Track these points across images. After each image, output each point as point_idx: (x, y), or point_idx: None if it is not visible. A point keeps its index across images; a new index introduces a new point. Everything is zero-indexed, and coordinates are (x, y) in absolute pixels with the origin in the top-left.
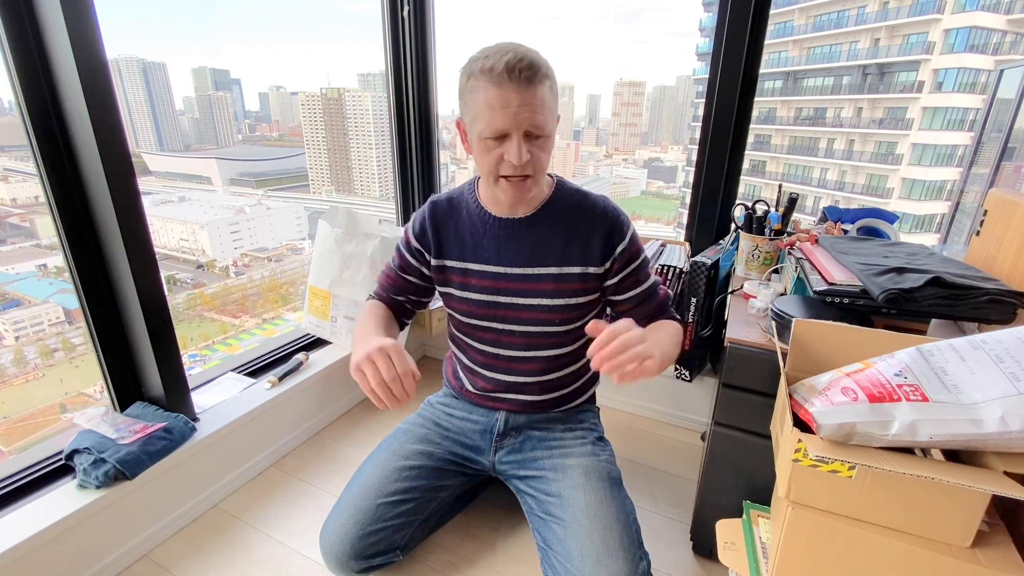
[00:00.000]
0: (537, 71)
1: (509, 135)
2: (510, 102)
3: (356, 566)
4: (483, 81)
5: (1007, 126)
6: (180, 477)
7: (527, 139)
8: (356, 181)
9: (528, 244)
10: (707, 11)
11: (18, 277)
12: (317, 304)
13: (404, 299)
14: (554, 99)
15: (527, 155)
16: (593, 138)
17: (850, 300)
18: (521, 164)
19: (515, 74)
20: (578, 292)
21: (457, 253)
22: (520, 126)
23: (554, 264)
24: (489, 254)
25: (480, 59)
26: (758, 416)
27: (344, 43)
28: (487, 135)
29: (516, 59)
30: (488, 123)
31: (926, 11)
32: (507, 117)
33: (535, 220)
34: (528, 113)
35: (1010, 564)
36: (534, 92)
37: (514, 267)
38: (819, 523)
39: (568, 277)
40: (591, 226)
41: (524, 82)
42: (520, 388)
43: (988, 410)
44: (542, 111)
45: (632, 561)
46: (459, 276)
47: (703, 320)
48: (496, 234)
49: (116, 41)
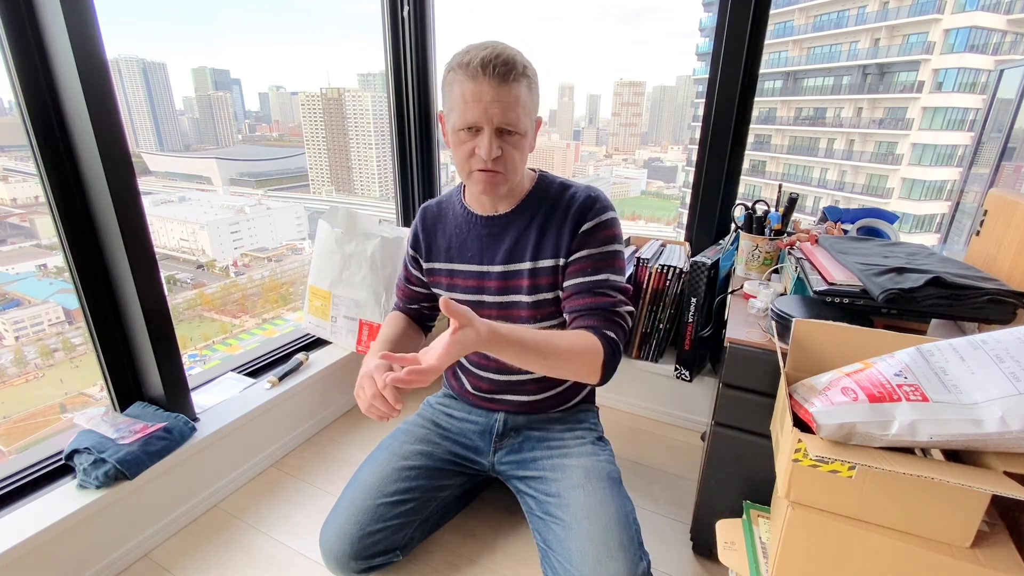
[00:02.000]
0: (512, 69)
1: (481, 129)
2: (482, 96)
3: (356, 566)
4: (460, 74)
5: (1007, 126)
6: (180, 477)
7: (499, 136)
8: (356, 181)
9: (507, 241)
10: (707, 11)
11: (18, 277)
12: (317, 304)
13: (418, 307)
14: (531, 100)
15: (497, 151)
16: (593, 138)
17: (850, 300)
18: (490, 159)
19: (489, 69)
20: (554, 287)
21: (444, 255)
22: (491, 120)
23: (529, 259)
24: (472, 253)
25: (461, 54)
26: (758, 416)
27: (344, 43)
28: (459, 127)
29: (493, 55)
30: (461, 115)
31: (926, 11)
32: (479, 110)
33: (515, 216)
34: (499, 109)
35: (1010, 564)
36: (508, 89)
37: (494, 265)
38: (819, 523)
39: (541, 271)
40: (565, 214)
41: (498, 78)
42: (516, 388)
43: (988, 410)
44: (515, 108)
45: (632, 561)
46: (446, 277)
47: (703, 320)
48: (479, 233)
49: (116, 41)
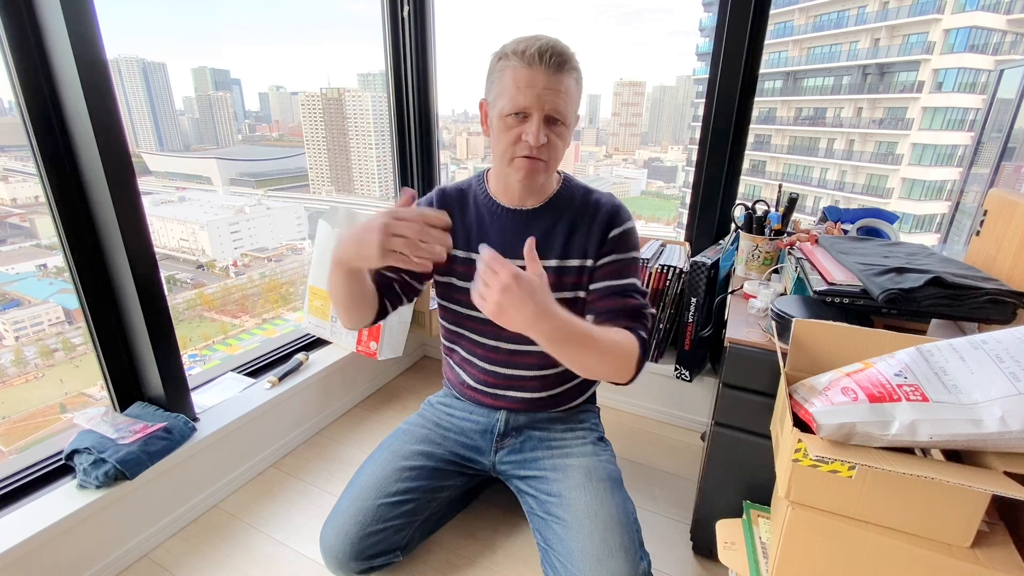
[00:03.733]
0: (566, 61)
1: (530, 115)
2: (536, 83)
3: (356, 566)
4: (514, 61)
5: (1007, 126)
6: (180, 477)
7: (546, 123)
8: (356, 181)
9: (534, 235)
10: (707, 11)
11: (18, 277)
12: (317, 304)
13: (396, 278)
14: (578, 93)
15: (544, 138)
16: (593, 138)
17: (850, 300)
18: (538, 145)
19: (545, 58)
20: (577, 286)
21: (463, 243)
22: (542, 107)
23: (556, 256)
24: (494, 244)
25: (514, 43)
26: (758, 416)
27: (344, 43)
28: (508, 111)
29: (548, 45)
30: (511, 100)
31: (926, 11)
32: (531, 96)
33: (541, 212)
34: (552, 96)
35: (1010, 564)
36: (560, 79)
37: (518, 258)
38: (819, 523)
39: (568, 270)
40: (593, 217)
41: (553, 67)
42: (520, 384)
43: (988, 410)
44: (565, 98)
45: (632, 561)
46: (463, 267)
47: (703, 320)
48: (503, 225)
49: (116, 41)
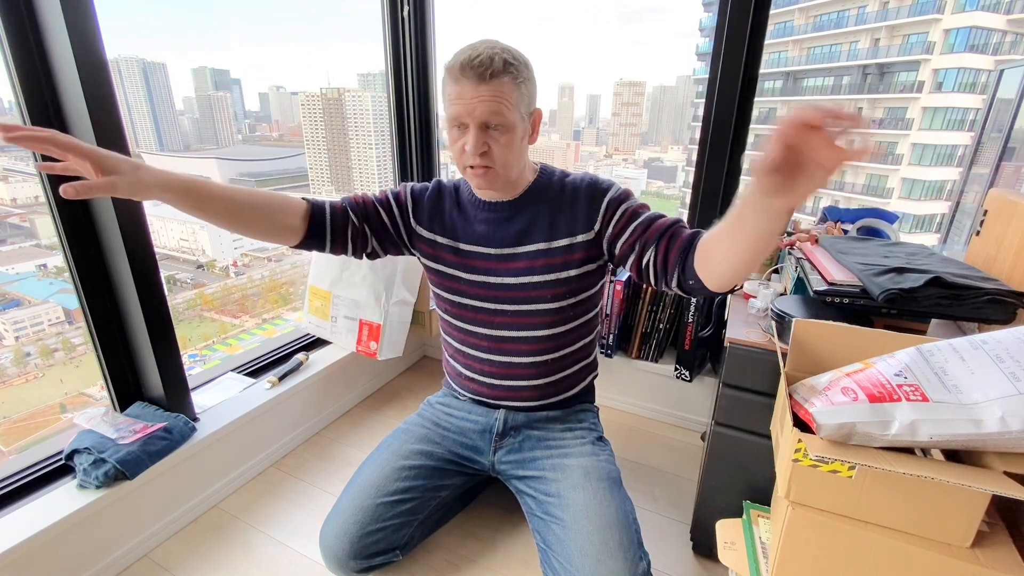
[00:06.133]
0: (489, 67)
1: (467, 126)
2: (465, 94)
3: (356, 566)
4: (447, 76)
5: (1007, 126)
6: (180, 477)
7: (485, 131)
8: (356, 181)
9: (516, 225)
10: (707, 11)
11: (18, 277)
12: (317, 304)
13: (361, 226)
14: (519, 92)
15: (483, 146)
16: (593, 138)
17: (850, 300)
18: (476, 153)
19: (468, 70)
20: (569, 264)
21: (449, 233)
22: (474, 117)
23: (542, 240)
24: (479, 236)
25: (451, 56)
26: (758, 416)
27: (344, 43)
28: (449, 125)
29: (472, 56)
30: (448, 113)
31: (926, 11)
32: (461, 108)
33: (521, 203)
34: (481, 105)
35: (1010, 564)
36: (487, 86)
37: (503, 247)
38: (819, 523)
39: (555, 251)
40: (574, 196)
41: (476, 78)
42: (516, 373)
43: (988, 410)
44: (499, 103)
45: (632, 561)
46: (451, 255)
47: (703, 320)
48: (486, 217)
49: (116, 41)
